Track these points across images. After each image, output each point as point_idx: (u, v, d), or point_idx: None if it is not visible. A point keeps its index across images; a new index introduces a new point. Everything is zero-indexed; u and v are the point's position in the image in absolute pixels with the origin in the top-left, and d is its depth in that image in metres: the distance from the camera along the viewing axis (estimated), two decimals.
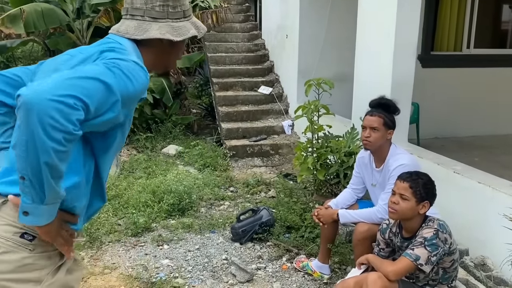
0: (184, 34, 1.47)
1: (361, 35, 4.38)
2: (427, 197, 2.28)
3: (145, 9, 1.43)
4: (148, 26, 1.43)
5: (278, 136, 6.39)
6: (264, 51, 7.90)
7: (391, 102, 2.89)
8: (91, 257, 3.52)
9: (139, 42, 1.44)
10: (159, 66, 1.57)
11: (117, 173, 5.34)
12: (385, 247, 2.53)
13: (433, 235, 2.21)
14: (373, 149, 2.89)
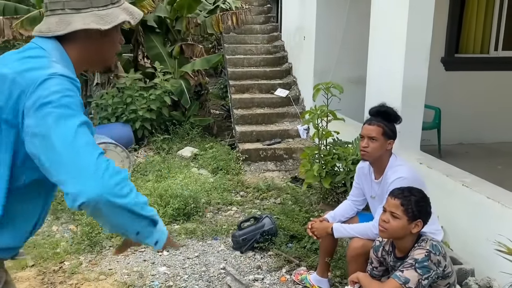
0: (113, 21, 1.33)
1: (373, 37, 4.21)
2: (420, 215, 2.12)
3: (64, 0, 1.30)
4: (70, 18, 1.30)
5: (293, 140, 6.26)
6: (283, 53, 7.77)
7: (391, 110, 2.71)
8: (89, 262, 3.50)
9: (64, 39, 1.32)
10: (94, 62, 1.44)
11: (129, 175, 5.34)
12: (378, 266, 2.37)
13: (425, 257, 2.05)
14: (372, 160, 2.73)
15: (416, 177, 2.63)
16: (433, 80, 5.84)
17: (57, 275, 3.26)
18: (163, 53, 7.83)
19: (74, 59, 1.35)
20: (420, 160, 3.52)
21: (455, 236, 3.06)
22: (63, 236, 3.91)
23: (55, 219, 4.26)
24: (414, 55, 3.60)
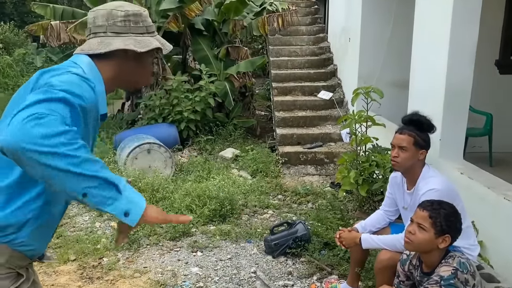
0: (148, 46, 1.47)
1: (416, 39, 4.06)
2: (448, 230, 2.02)
3: (107, 25, 1.44)
4: (111, 40, 1.44)
5: (335, 144, 6.16)
6: (329, 54, 7.67)
7: (424, 118, 2.60)
8: (126, 259, 3.63)
9: (103, 57, 1.43)
10: (125, 82, 1.55)
11: (170, 175, 5.50)
12: (405, 280, 2.29)
13: (451, 274, 1.95)
14: (402, 170, 2.64)
15: (450, 190, 2.51)
16: (486, 84, 5.57)
17: (96, 271, 3.41)
18: (209, 55, 7.98)
19: (106, 77, 1.46)
20: (461, 170, 3.35)
21: (496, 252, 2.90)
22: (104, 233, 4.08)
23: (98, 215, 4.46)
24: (458, 58, 3.43)
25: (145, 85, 1.58)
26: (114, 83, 1.50)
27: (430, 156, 3.60)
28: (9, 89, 11.75)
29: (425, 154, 2.57)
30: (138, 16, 1.48)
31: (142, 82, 1.61)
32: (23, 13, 17.45)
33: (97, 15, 1.46)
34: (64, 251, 3.67)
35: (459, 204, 2.53)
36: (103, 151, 6.41)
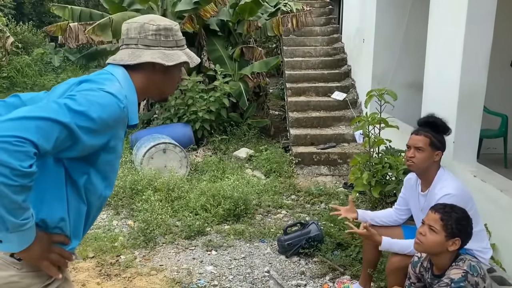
0: (176, 60, 1.55)
1: (430, 41, 4.07)
2: (459, 234, 2.05)
3: (139, 37, 1.53)
4: (141, 52, 1.52)
5: (348, 144, 6.19)
6: (343, 55, 7.68)
7: (440, 121, 2.63)
8: (143, 257, 3.73)
9: (133, 68, 1.52)
10: (154, 92, 1.63)
11: (185, 175, 5.59)
12: (416, 282, 2.33)
13: (461, 277, 1.99)
14: (418, 171, 2.67)
15: (464, 194, 2.53)
16: (501, 85, 5.53)
17: (113, 268, 3.51)
18: (224, 55, 8.05)
19: (138, 87, 1.55)
20: (474, 172, 3.36)
21: (509, 255, 2.91)
22: (122, 231, 4.19)
23: (115, 214, 4.57)
24: (472, 62, 3.44)
25: (171, 94, 1.68)
26: (144, 93, 1.59)
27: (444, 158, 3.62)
28: (27, 88, 11.97)
29: (441, 155, 2.60)
30: (168, 30, 1.55)
31: (168, 93, 1.69)
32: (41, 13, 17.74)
33: (131, 27, 1.54)
34: (83, 248, 3.77)
35: (472, 208, 2.56)
36: None
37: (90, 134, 1.31)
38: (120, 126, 1.44)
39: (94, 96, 1.33)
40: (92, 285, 3.22)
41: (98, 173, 1.48)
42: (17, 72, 12.59)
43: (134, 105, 1.51)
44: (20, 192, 1.18)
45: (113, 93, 1.38)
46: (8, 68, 12.45)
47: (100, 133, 1.35)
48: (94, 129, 1.31)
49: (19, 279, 1.39)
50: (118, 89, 1.43)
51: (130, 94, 1.50)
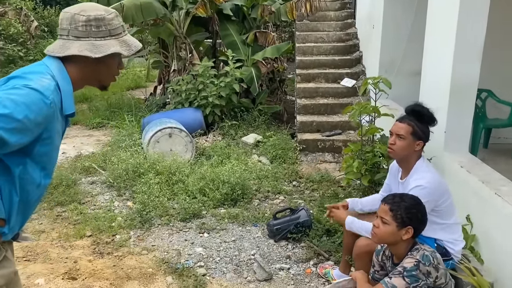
0: (104, 52, 1.56)
1: (428, 32, 4.01)
2: (410, 222, 2.09)
3: (69, 29, 1.55)
4: (70, 44, 1.55)
5: (354, 132, 6.16)
6: (356, 41, 7.59)
7: (426, 110, 2.62)
8: (137, 237, 3.89)
9: (66, 60, 1.57)
10: (91, 81, 1.67)
11: (190, 159, 5.72)
12: (380, 270, 2.38)
13: (413, 266, 2.03)
14: (398, 159, 2.70)
15: (439, 187, 2.53)
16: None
17: (108, 247, 3.69)
18: (237, 40, 8.09)
19: (73, 77, 1.61)
20: (462, 163, 3.33)
21: (487, 247, 2.90)
22: (121, 212, 4.37)
23: (118, 195, 4.76)
24: (464, 53, 3.38)
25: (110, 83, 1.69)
26: (81, 82, 1.64)
27: (434, 148, 3.62)
28: None
29: (422, 145, 2.61)
30: (100, 20, 1.57)
31: (107, 82, 1.71)
32: None
33: (63, 17, 1.58)
34: (82, 227, 3.97)
35: (447, 200, 2.58)
36: (131, 133, 6.74)
37: (18, 134, 1.38)
38: (51, 120, 1.50)
39: (19, 96, 1.38)
40: (83, 262, 3.41)
41: (35, 164, 1.55)
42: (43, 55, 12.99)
43: (69, 94, 1.56)
44: None
45: (38, 89, 1.43)
46: (34, 52, 12.87)
47: (28, 131, 1.42)
48: (21, 129, 1.37)
49: None
50: (46, 84, 1.47)
51: (65, 84, 1.55)
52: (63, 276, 3.21)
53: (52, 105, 1.48)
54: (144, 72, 12.67)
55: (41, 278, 3.16)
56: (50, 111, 1.47)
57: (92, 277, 3.20)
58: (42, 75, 1.50)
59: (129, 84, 11.73)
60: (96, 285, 3.10)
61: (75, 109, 1.61)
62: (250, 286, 3.21)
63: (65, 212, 4.31)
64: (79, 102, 9.52)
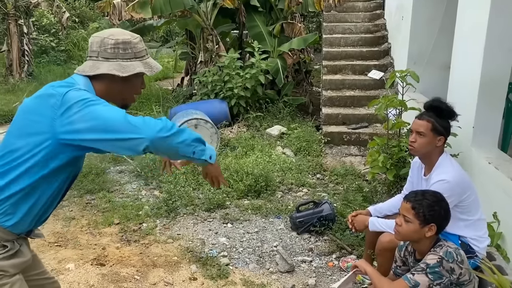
0: (130, 71, 1.72)
1: (459, 23, 3.92)
2: (432, 219, 2.07)
3: (99, 51, 1.70)
4: (100, 64, 1.70)
5: (381, 125, 6.08)
6: (384, 32, 7.45)
7: (445, 105, 2.58)
8: (163, 226, 3.99)
9: (94, 78, 1.71)
10: (115, 98, 1.80)
11: (216, 149, 5.79)
12: (402, 265, 2.37)
13: (437, 263, 2.01)
14: (419, 156, 2.67)
15: (461, 182, 2.50)
16: None
17: (135, 234, 3.80)
18: (263, 32, 8.06)
19: (99, 94, 1.73)
20: (490, 159, 3.26)
21: None
22: (148, 201, 4.47)
23: (145, 184, 4.87)
24: (495, 47, 3.28)
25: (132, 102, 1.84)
26: (106, 99, 1.73)
27: (461, 144, 3.56)
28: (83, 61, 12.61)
29: (443, 141, 2.57)
30: (127, 43, 1.72)
31: (129, 100, 1.84)
32: None
33: (93, 41, 1.72)
34: (111, 215, 4.10)
35: (471, 196, 2.54)
36: None
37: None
38: None
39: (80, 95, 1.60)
40: (111, 249, 3.52)
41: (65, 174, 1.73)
42: (73, 46, 13.31)
43: None
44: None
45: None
46: (65, 42, 13.18)
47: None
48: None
49: None
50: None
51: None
52: (92, 262, 3.34)
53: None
54: (172, 63, 12.81)
55: (71, 263, 3.29)
56: None
57: (119, 264, 3.30)
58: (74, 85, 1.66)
59: (157, 75, 11.87)
60: (123, 271, 3.21)
61: None
62: (272, 277, 3.25)
63: (94, 200, 4.45)
64: None
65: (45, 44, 12.67)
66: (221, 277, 3.19)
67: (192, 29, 8.27)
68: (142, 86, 1.83)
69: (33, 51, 11.59)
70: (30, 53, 11.10)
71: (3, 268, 1.66)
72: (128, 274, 3.18)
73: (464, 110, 2.68)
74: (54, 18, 12.13)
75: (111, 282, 3.09)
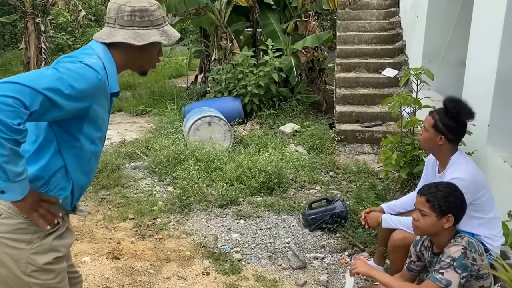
0: (146, 40, 1.70)
1: (475, 20, 3.88)
2: (449, 210, 2.06)
3: (116, 18, 1.70)
4: (116, 32, 1.70)
5: (395, 123, 6.05)
6: (399, 30, 7.40)
7: (451, 104, 2.55)
8: (177, 221, 4.03)
9: (111, 45, 1.71)
10: (133, 66, 1.81)
11: (228, 147, 5.82)
12: (416, 260, 2.37)
13: (461, 254, 1.99)
14: (425, 150, 2.68)
15: (477, 180, 2.49)
16: None
17: (149, 229, 3.85)
18: (277, 30, 8.08)
19: (116, 61, 1.75)
20: (505, 158, 3.23)
21: None
22: (162, 196, 4.53)
23: (159, 180, 4.93)
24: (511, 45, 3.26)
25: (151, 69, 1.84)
26: (124, 66, 1.78)
27: (476, 142, 3.54)
28: None
29: (444, 140, 2.55)
30: (144, 11, 1.69)
31: (147, 68, 1.85)
32: None
33: (111, 7, 1.72)
34: (125, 210, 4.16)
35: (486, 194, 2.53)
36: (172, 121, 6.93)
37: (71, 100, 1.53)
38: (100, 94, 1.65)
39: (74, 67, 1.55)
40: (126, 243, 3.58)
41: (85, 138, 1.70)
42: None
43: (113, 75, 1.71)
44: (15, 144, 1.44)
45: (90, 65, 1.59)
46: (82, 40, 13.36)
47: (80, 99, 1.57)
48: (74, 95, 1.52)
49: (26, 226, 1.66)
50: (95, 62, 1.63)
51: (109, 65, 1.70)
52: (107, 255, 3.39)
53: (102, 80, 1.63)
54: (186, 61, 12.89)
55: (87, 257, 3.36)
56: (101, 85, 1.62)
57: (134, 258, 3.36)
58: (91, 55, 1.65)
59: (171, 73, 11.98)
60: (138, 265, 3.26)
61: (119, 89, 1.75)
62: (284, 273, 3.28)
63: (109, 195, 4.52)
64: (123, 89, 9.83)
65: (62, 42, 12.86)
66: (234, 273, 3.22)
67: (206, 27, 8.32)
68: (159, 54, 1.82)
69: (50, 49, 11.77)
70: (47, 51, 11.26)
71: (56, 247, 1.70)
72: (142, 268, 3.23)
73: (479, 108, 2.65)
74: (71, 17, 12.30)
75: (126, 275, 3.14)
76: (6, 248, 1.65)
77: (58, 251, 1.73)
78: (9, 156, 1.43)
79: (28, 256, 1.67)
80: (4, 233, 1.64)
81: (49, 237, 1.71)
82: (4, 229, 1.64)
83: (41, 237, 1.69)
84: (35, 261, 1.68)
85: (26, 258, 1.67)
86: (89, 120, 1.66)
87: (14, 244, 1.65)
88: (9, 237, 1.65)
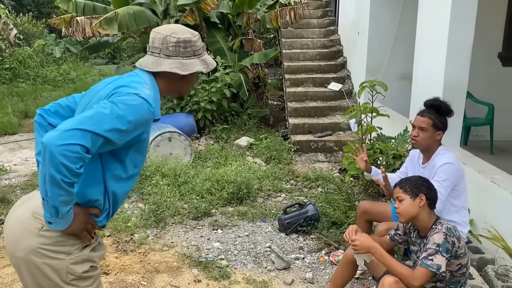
0: (190, 70, 1.83)
1: (419, 35, 4.39)
2: (419, 190, 2.43)
3: (161, 48, 1.81)
4: (162, 61, 1.80)
5: (343, 133, 6.52)
6: (339, 47, 7.98)
7: (443, 104, 2.93)
8: (155, 235, 4.07)
9: (156, 74, 1.83)
10: (174, 92, 1.95)
11: (189, 162, 5.91)
12: (402, 234, 2.66)
13: (444, 239, 2.31)
14: (421, 149, 3.00)
15: (460, 168, 2.88)
16: (488, 76, 5.86)
17: (129, 245, 3.85)
18: (224, 47, 8.32)
19: (160, 89, 1.86)
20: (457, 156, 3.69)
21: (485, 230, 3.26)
22: (133, 213, 4.52)
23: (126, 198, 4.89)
24: (455, 57, 3.76)
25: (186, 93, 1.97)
26: (166, 92, 1.90)
27: None
28: (30, 79, 12.19)
29: (442, 135, 2.93)
30: (187, 42, 1.81)
31: (185, 92, 1.99)
32: (40, 4, 17.91)
33: (155, 37, 1.82)
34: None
35: (463, 182, 2.91)
36: None
37: (126, 133, 1.64)
38: (149, 123, 1.77)
39: (130, 101, 1.64)
40: (111, 258, 3.56)
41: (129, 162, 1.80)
42: (19, 63, 12.79)
43: (158, 102, 1.82)
44: (71, 186, 1.54)
45: (145, 98, 1.68)
46: (10, 60, 12.66)
47: (133, 131, 1.68)
48: (127, 130, 1.63)
49: (66, 239, 1.72)
50: (148, 94, 1.72)
51: (155, 94, 1.80)
52: None
53: (153, 111, 1.72)
54: None
55: None
56: (150, 116, 1.72)
57: (123, 272, 3.36)
58: (143, 85, 1.74)
59: None
60: (129, 278, 3.27)
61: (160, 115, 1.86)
62: (271, 274, 3.46)
63: None
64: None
65: None
66: (224, 278, 3.35)
67: None
68: (196, 80, 1.96)
69: None
70: None
71: (92, 258, 1.77)
72: (134, 281, 3.25)
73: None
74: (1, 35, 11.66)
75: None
76: (47, 259, 1.71)
77: (94, 261, 1.81)
78: (65, 196, 1.54)
79: (68, 266, 1.73)
80: (45, 245, 1.70)
81: (87, 249, 1.78)
82: (44, 241, 1.70)
83: (79, 249, 1.76)
84: (74, 271, 1.74)
85: (66, 268, 1.73)
86: (136, 146, 1.77)
87: (55, 255, 1.71)
88: (49, 249, 1.71)
